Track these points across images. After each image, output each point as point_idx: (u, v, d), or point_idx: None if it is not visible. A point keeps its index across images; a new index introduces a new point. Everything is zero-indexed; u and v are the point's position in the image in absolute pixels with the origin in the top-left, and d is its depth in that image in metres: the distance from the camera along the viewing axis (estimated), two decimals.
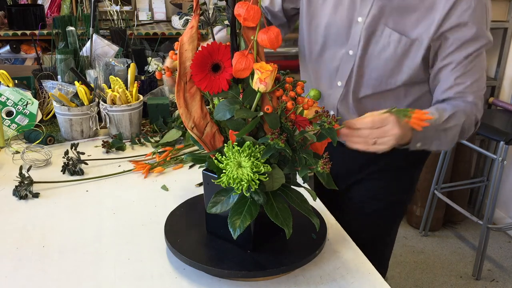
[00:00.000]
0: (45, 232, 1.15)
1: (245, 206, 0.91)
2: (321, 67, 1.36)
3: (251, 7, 0.86)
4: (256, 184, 0.88)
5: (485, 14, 1.17)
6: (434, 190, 2.79)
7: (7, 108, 1.67)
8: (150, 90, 1.87)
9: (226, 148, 0.89)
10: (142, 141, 1.62)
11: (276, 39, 0.88)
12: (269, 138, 0.87)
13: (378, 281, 1.00)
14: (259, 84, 0.89)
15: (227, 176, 0.88)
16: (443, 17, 1.15)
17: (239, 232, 0.89)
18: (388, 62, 1.23)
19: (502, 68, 2.90)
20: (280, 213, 0.92)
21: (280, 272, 0.98)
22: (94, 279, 0.99)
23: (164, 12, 3.56)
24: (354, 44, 1.25)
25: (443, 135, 1.17)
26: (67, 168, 1.41)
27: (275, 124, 0.90)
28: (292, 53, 3.04)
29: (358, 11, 1.24)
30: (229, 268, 0.96)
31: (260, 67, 0.88)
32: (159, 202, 1.28)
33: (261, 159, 0.88)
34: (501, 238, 2.92)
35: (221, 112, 0.92)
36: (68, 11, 3.29)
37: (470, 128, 1.23)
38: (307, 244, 1.03)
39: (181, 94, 0.95)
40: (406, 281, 2.53)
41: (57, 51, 1.84)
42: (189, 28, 0.93)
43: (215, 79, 0.92)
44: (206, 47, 0.90)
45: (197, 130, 0.96)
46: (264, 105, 0.92)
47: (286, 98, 0.91)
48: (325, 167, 0.90)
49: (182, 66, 0.94)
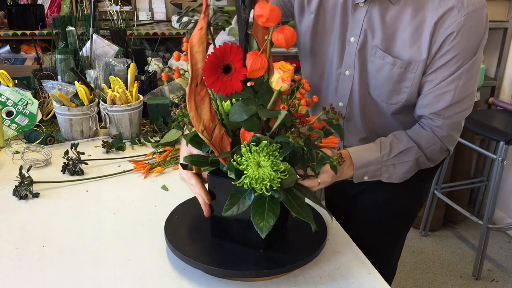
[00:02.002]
0: (45, 232, 1.15)
1: (265, 205, 0.91)
2: (322, 87, 1.33)
3: (273, 7, 0.85)
4: (278, 182, 0.88)
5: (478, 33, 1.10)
6: (434, 190, 2.79)
7: (7, 108, 1.67)
8: (150, 90, 1.87)
9: (243, 149, 0.89)
10: (142, 141, 1.62)
11: (292, 38, 0.88)
12: (290, 137, 0.87)
13: (378, 281, 1.00)
14: (281, 83, 0.88)
15: (249, 177, 0.88)
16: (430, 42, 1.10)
17: (267, 231, 0.89)
18: (386, 82, 1.18)
19: (502, 68, 2.90)
20: (301, 209, 0.92)
21: (280, 272, 0.98)
22: (94, 279, 0.99)
23: (164, 12, 3.56)
24: (349, 65, 1.22)
25: (391, 169, 1.16)
26: (67, 168, 1.41)
27: (289, 122, 0.91)
28: (293, 53, 3.04)
29: (350, 32, 1.20)
30: (229, 268, 0.96)
31: (282, 66, 0.88)
32: (159, 202, 1.28)
33: (279, 157, 0.88)
34: (501, 238, 2.92)
35: (237, 113, 0.91)
36: (68, 11, 3.29)
37: (434, 160, 1.21)
38: (307, 244, 1.03)
39: (192, 97, 0.93)
40: (406, 281, 2.53)
41: (57, 51, 1.84)
42: (198, 29, 0.91)
43: (227, 80, 0.90)
44: (218, 48, 0.90)
45: (207, 133, 0.95)
46: (278, 104, 0.92)
47: (300, 95, 0.91)
48: (340, 160, 0.90)
49: (193, 69, 0.91)
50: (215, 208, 1.04)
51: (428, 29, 1.09)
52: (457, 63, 1.10)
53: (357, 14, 1.17)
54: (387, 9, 1.13)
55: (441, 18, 1.08)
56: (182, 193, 1.29)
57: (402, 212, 1.45)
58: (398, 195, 1.35)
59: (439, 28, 1.08)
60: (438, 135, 1.18)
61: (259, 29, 0.92)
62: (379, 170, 1.16)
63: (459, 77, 1.12)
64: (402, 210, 1.44)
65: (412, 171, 1.20)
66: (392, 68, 1.15)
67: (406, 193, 1.35)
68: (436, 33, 1.09)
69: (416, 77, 1.15)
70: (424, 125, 1.20)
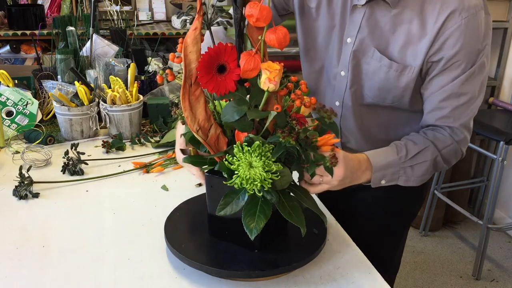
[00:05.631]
0: (45, 232, 1.15)
1: (257, 206, 0.91)
2: (320, 85, 1.33)
3: (263, 7, 0.85)
4: (269, 183, 0.88)
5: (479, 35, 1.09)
6: (434, 190, 2.79)
7: (7, 108, 1.67)
8: (150, 90, 1.87)
9: (236, 149, 0.89)
10: (142, 141, 1.62)
11: (284, 38, 0.88)
12: (280, 137, 0.87)
13: (378, 281, 1.00)
14: (268, 83, 0.88)
15: (240, 177, 0.88)
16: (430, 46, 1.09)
17: (256, 233, 0.89)
18: (382, 85, 1.18)
19: (502, 68, 2.90)
20: (292, 212, 0.92)
21: (280, 272, 0.98)
22: (94, 279, 0.99)
23: (164, 12, 3.57)
24: (345, 65, 1.21)
25: (409, 171, 1.14)
26: (67, 168, 1.41)
27: (283, 122, 0.90)
28: (292, 53, 3.04)
29: (347, 32, 1.19)
30: (229, 269, 0.96)
31: (268, 66, 0.88)
32: (159, 202, 1.28)
33: (272, 158, 0.88)
34: (501, 238, 2.92)
35: (229, 113, 0.91)
36: (68, 11, 3.29)
37: (449, 161, 1.18)
38: (307, 244, 1.03)
39: (186, 97, 0.93)
40: (406, 281, 2.53)
41: (57, 51, 1.84)
42: (192, 29, 0.92)
43: (221, 80, 0.91)
44: (213, 48, 0.90)
45: (202, 133, 0.95)
46: (271, 105, 0.92)
47: (295, 96, 0.91)
48: (333, 161, 0.90)
49: (187, 69, 0.92)
50: (211, 207, 1.04)
51: (428, 32, 1.09)
52: (460, 66, 1.10)
53: (355, 15, 1.16)
54: (385, 11, 1.13)
55: (442, 22, 1.07)
56: (182, 193, 1.29)
57: (404, 209, 1.44)
58: (400, 191, 1.32)
59: (439, 32, 1.08)
60: (453, 137, 1.16)
61: (254, 29, 0.92)
62: (397, 173, 1.13)
63: (466, 79, 1.11)
64: (404, 207, 1.43)
65: (430, 172, 1.17)
66: (388, 71, 1.15)
67: (407, 188, 1.35)
68: (437, 36, 1.08)
69: (411, 81, 1.14)
70: (437, 128, 1.18)
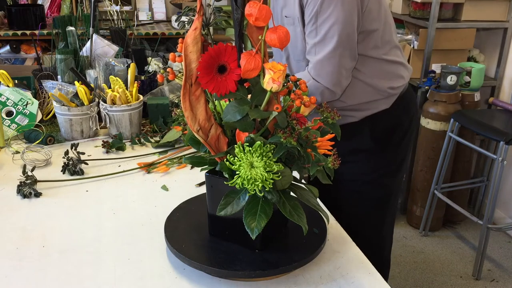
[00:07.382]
0: (45, 232, 1.15)
1: (257, 206, 0.91)
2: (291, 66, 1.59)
3: (263, 6, 0.85)
4: (270, 184, 0.88)
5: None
6: (434, 190, 2.79)
7: (7, 108, 1.67)
8: (150, 90, 1.87)
9: (237, 149, 0.89)
10: (142, 141, 1.62)
11: (285, 38, 0.88)
12: (282, 137, 0.87)
13: (378, 281, 1.00)
14: (272, 83, 0.88)
15: (241, 177, 0.88)
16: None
17: (257, 233, 0.89)
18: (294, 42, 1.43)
19: (502, 68, 2.90)
20: (294, 211, 0.92)
21: (280, 272, 0.98)
22: (94, 279, 0.99)
23: (164, 12, 3.57)
24: None
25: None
26: (67, 168, 1.41)
27: (284, 122, 0.90)
28: None
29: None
30: (229, 268, 0.96)
31: (272, 66, 0.88)
32: (159, 202, 1.28)
33: (273, 158, 0.88)
34: (501, 238, 2.92)
35: (230, 113, 0.91)
36: (68, 11, 3.29)
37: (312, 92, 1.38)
38: (307, 244, 1.03)
39: (187, 97, 0.93)
40: (406, 281, 2.53)
41: (57, 51, 1.84)
42: (193, 29, 0.92)
43: (221, 80, 0.90)
44: (213, 48, 0.90)
45: (202, 133, 0.95)
46: (271, 105, 0.92)
47: (295, 96, 0.91)
48: (335, 163, 0.90)
49: (187, 68, 0.92)
50: (212, 207, 1.04)
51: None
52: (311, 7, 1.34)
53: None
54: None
55: None
56: (182, 193, 1.29)
57: (379, 180, 1.54)
58: (363, 165, 1.52)
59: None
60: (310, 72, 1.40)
61: (254, 29, 0.92)
62: None
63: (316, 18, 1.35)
64: (379, 178, 1.54)
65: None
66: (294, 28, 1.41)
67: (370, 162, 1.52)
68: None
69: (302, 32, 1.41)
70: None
